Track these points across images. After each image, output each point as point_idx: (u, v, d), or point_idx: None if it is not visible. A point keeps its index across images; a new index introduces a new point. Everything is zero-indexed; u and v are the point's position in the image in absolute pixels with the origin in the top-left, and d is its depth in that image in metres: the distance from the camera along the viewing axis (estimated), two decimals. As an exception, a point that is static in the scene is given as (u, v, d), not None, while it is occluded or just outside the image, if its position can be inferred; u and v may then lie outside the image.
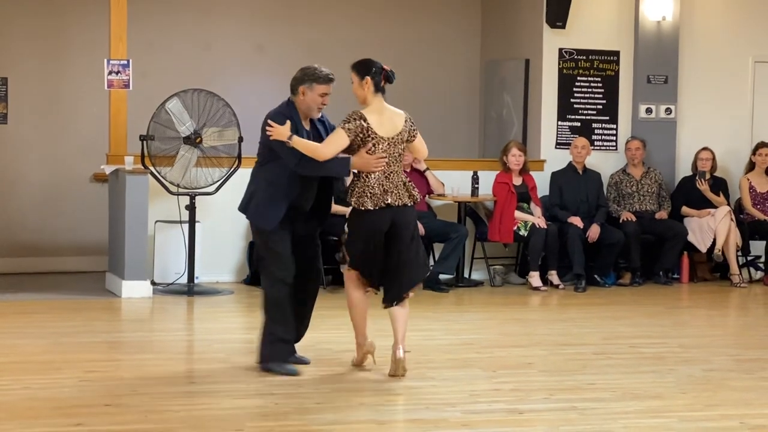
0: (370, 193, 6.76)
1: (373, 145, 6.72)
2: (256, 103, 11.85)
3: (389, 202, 6.76)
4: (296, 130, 6.77)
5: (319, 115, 6.99)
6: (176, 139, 9.90)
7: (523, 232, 10.84)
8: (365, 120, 6.73)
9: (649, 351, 7.87)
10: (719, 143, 11.79)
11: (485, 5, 12.81)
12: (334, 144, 6.70)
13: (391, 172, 6.80)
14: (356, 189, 6.79)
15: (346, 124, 6.71)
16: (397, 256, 6.81)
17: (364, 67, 6.84)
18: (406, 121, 6.87)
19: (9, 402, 6.08)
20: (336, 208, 7.90)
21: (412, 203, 6.87)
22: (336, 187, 7.33)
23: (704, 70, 11.96)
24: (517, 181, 10.98)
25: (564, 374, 7.06)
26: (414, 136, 6.91)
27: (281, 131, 6.69)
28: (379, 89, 6.83)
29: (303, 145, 6.69)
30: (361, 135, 6.71)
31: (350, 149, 6.77)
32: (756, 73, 12.09)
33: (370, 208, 6.74)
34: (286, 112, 6.86)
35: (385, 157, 6.75)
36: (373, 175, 6.76)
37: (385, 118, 6.81)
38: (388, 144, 6.77)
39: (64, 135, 11.65)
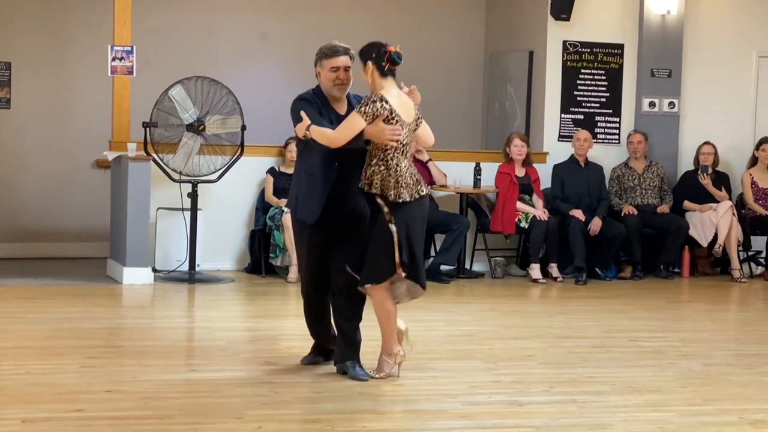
0: (405, 183, 6.38)
1: (400, 126, 6.35)
2: (259, 91, 11.90)
3: (423, 192, 6.45)
4: (320, 113, 6.44)
5: (342, 94, 6.54)
6: (179, 127, 9.90)
7: (524, 224, 10.84)
8: (386, 101, 6.30)
9: (649, 345, 7.87)
10: (722, 138, 11.79)
11: (490, -3, 12.80)
12: (348, 129, 6.27)
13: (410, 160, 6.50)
14: (388, 180, 6.35)
15: (363, 107, 6.30)
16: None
17: (364, 53, 6.46)
18: (413, 107, 6.52)
19: (10, 387, 6.09)
20: None
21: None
22: None
23: (708, 64, 11.95)
24: (520, 172, 10.98)
25: (564, 367, 7.06)
26: (419, 124, 6.58)
27: (300, 126, 6.37)
28: (384, 73, 6.38)
29: (318, 133, 6.32)
30: (383, 119, 6.29)
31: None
32: (760, 68, 12.07)
33: (407, 199, 6.38)
34: (309, 96, 6.53)
35: (400, 131, 6.32)
36: (403, 164, 6.39)
37: (402, 101, 6.44)
38: (408, 129, 6.44)
39: (66, 120, 11.65)
